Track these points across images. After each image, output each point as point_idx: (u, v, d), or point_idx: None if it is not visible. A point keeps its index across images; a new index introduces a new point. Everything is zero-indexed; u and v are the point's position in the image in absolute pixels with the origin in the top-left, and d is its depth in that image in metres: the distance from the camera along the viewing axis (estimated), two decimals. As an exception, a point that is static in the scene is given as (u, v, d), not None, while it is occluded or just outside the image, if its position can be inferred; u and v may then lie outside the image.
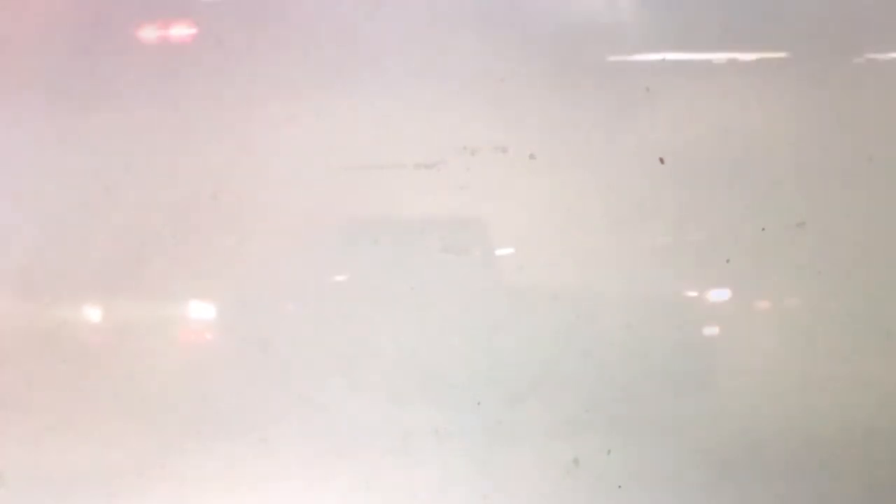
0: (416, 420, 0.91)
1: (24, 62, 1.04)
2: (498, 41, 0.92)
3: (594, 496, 0.87)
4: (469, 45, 0.93)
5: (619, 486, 0.87)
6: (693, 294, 0.86)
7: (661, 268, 0.86)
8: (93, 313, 1.00)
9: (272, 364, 0.95)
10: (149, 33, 1.01)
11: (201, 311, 0.98)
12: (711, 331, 0.85)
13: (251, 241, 0.96)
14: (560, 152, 0.89)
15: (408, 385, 0.92)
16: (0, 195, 1.02)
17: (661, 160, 0.86)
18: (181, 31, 1.00)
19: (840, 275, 0.84)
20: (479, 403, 0.90)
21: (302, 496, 0.95)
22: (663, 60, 0.87)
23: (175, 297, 0.99)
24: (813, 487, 0.84)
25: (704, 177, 0.86)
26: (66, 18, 1.03)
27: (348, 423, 0.93)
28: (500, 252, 0.89)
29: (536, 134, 0.90)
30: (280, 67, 0.97)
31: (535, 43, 0.91)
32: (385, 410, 0.92)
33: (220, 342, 0.96)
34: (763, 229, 0.84)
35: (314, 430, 0.94)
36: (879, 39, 0.85)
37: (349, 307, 0.93)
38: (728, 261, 0.85)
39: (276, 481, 0.95)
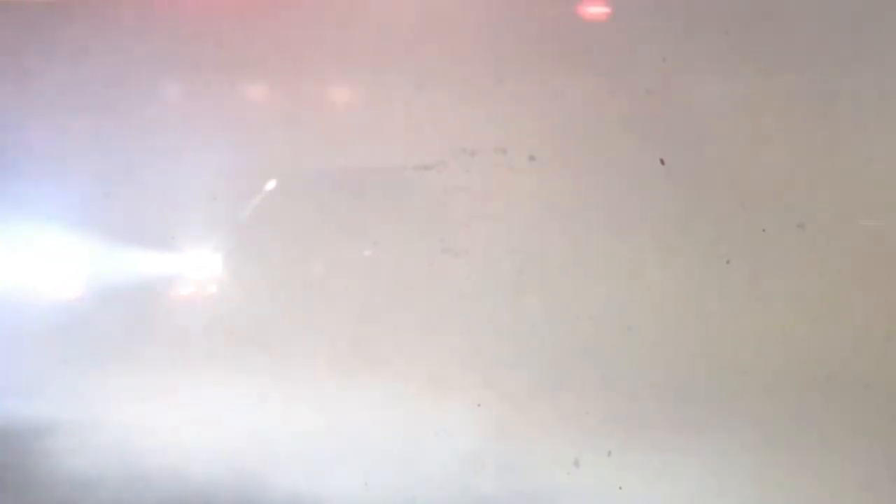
0: (416, 421, 0.91)
1: (27, 65, 1.04)
2: (497, 43, 0.92)
3: (594, 496, 0.87)
4: (468, 48, 0.93)
5: (620, 487, 0.87)
6: (693, 294, 0.86)
7: (662, 268, 0.86)
8: (92, 313, 1.00)
9: (271, 364, 0.95)
10: (150, 35, 1.01)
11: (201, 311, 0.98)
12: (712, 331, 0.85)
13: (251, 242, 0.97)
14: (560, 153, 0.89)
15: (408, 386, 0.92)
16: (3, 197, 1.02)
17: (662, 160, 0.86)
18: (182, 32, 1.01)
19: (840, 275, 0.84)
20: (479, 405, 0.90)
21: (301, 496, 0.94)
22: (663, 61, 0.87)
23: (174, 296, 0.99)
24: (815, 487, 0.84)
25: (704, 177, 0.86)
26: (69, 22, 1.04)
27: (348, 423, 0.93)
28: (500, 252, 0.89)
29: (536, 135, 0.90)
30: (280, 68, 0.97)
31: (534, 45, 0.91)
32: (385, 411, 0.92)
33: (220, 342, 0.96)
34: (763, 229, 0.84)
35: (314, 431, 0.93)
36: (880, 40, 0.85)
37: (349, 307, 0.93)
38: (728, 261, 0.85)
39: (275, 481, 0.95)
